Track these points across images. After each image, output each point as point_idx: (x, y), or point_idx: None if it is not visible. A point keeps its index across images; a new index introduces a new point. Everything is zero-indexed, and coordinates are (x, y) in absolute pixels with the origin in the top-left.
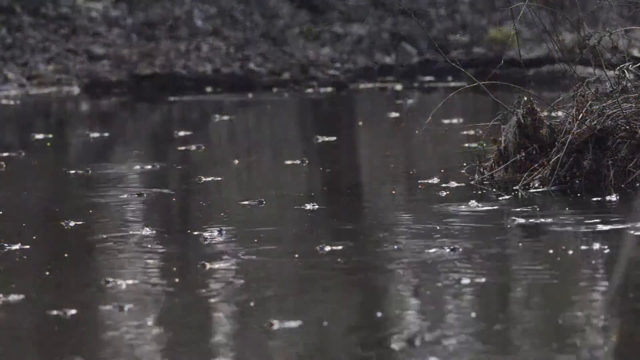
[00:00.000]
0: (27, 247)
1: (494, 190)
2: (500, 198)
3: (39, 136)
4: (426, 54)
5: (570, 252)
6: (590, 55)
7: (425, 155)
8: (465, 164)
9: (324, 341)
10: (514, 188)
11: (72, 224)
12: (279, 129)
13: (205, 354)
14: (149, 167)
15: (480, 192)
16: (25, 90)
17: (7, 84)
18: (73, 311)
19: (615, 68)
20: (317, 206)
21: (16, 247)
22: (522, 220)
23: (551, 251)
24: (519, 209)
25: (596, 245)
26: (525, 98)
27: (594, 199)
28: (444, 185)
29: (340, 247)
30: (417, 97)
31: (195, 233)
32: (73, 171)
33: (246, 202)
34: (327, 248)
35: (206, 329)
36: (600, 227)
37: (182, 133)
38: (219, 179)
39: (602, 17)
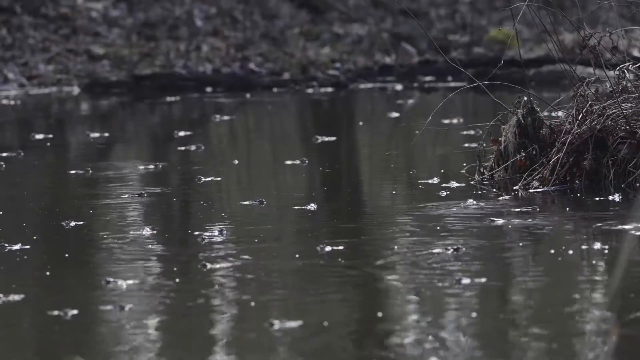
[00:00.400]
0: (28, 247)
1: (494, 190)
2: (500, 198)
3: (39, 136)
4: (426, 54)
5: (571, 252)
6: (590, 55)
7: (425, 155)
8: (465, 164)
9: (324, 341)
10: (514, 188)
11: (72, 224)
12: (279, 129)
13: (205, 354)
14: (149, 167)
15: (480, 192)
16: (25, 90)
17: (7, 84)
18: (73, 311)
19: (615, 68)
20: (317, 206)
21: (16, 247)
22: (522, 220)
23: (552, 251)
24: (518, 209)
25: (596, 245)
26: (525, 98)
27: (594, 199)
28: (444, 185)
29: (340, 247)
30: (417, 97)
31: (196, 233)
32: (73, 171)
33: (247, 202)
34: (328, 248)
35: (206, 329)
36: (600, 227)
37: (182, 133)
38: (219, 179)
39: (602, 17)
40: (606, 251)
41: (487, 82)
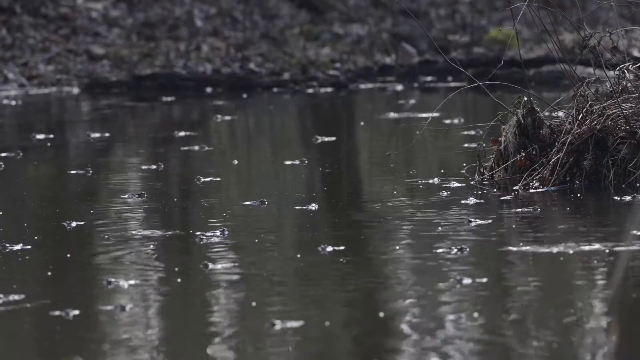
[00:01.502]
0: (29, 247)
1: (494, 190)
2: (501, 198)
3: (40, 136)
4: (426, 54)
5: (571, 252)
6: (590, 55)
7: (426, 155)
8: (465, 164)
9: (325, 341)
10: (514, 188)
11: (73, 224)
12: (279, 129)
13: (206, 354)
14: (150, 167)
15: (480, 192)
16: (25, 90)
17: (7, 84)
18: (75, 311)
19: (615, 68)
20: (317, 206)
21: (17, 247)
22: (522, 221)
23: (552, 251)
24: (518, 209)
25: (596, 246)
26: (525, 98)
27: (594, 199)
28: (444, 185)
29: (342, 247)
30: (417, 97)
31: (197, 233)
32: (73, 171)
33: (247, 203)
34: (329, 248)
35: (208, 329)
36: (600, 227)
37: (182, 133)
38: (219, 179)
39: (602, 17)
40: (606, 251)
41: (487, 82)
